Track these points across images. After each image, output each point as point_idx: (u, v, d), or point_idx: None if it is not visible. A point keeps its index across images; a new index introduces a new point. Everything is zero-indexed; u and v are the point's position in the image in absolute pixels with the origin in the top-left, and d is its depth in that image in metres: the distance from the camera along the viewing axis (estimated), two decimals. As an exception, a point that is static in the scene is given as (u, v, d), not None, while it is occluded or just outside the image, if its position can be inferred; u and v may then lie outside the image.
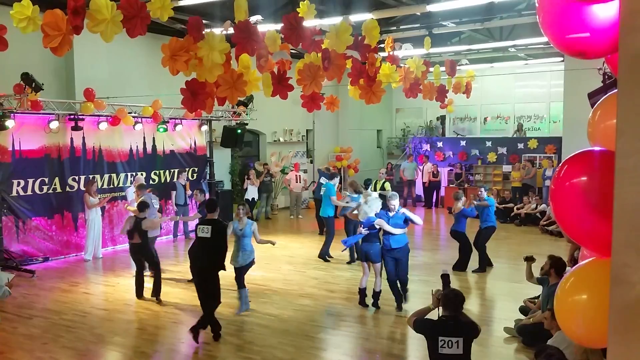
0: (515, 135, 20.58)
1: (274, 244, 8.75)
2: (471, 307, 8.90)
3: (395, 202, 8.26)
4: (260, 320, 8.12)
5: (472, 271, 10.73)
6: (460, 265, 10.84)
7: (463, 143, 20.76)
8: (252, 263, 8.31)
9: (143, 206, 9.14)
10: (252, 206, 16.00)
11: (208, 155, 15.71)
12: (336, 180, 12.39)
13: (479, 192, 11.37)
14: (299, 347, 7.10)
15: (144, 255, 9.18)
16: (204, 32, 7.02)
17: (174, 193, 13.84)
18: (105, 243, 12.80)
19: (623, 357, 1.97)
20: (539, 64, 19.51)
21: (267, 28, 8.52)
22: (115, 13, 6.00)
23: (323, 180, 12.85)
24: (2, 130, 10.66)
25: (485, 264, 10.94)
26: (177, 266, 11.32)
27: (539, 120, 21.51)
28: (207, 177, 15.70)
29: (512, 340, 7.27)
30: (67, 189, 12.22)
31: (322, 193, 12.29)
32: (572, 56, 2.78)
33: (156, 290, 9.06)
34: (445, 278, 5.53)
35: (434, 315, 4.95)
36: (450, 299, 4.87)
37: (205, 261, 7.24)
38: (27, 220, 11.46)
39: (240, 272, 8.20)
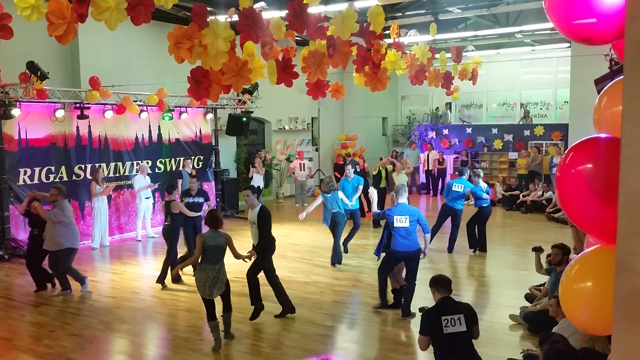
0: (521, 122, 20.47)
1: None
2: (477, 294, 8.93)
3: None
4: (266, 308, 8.15)
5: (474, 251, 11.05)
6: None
7: (469, 130, 20.68)
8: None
9: (171, 188, 9.55)
10: (258, 194, 16.00)
11: (213, 144, 15.72)
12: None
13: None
14: (305, 335, 7.14)
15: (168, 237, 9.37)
16: (208, 20, 6.99)
17: (180, 181, 13.86)
18: (112, 231, 12.87)
19: (628, 344, 1.97)
20: (545, 50, 19.37)
21: (272, 15, 8.48)
22: (119, 1, 5.96)
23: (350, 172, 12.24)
24: (8, 119, 10.71)
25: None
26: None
27: (545, 106, 21.40)
28: (213, 166, 15.72)
29: (517, 327, 7.28)
30: (74, 177, 12.27)
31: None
32: (578, 42, 2.76)
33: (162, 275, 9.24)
34: (421, 310, 5.66)
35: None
36: (442, 281, 5.22)
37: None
38: (34, 209, 11.51)
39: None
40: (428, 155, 19.98)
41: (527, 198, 16.46)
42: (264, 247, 7.57)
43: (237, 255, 7.06)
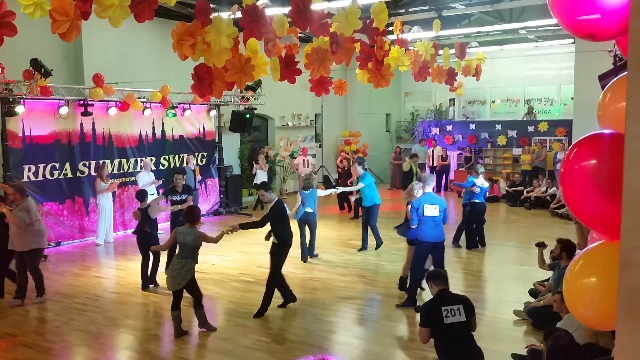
0: (525, 118, 20.43)
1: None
2: (480, 289, 8.93)
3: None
4: (270, 304, 8.18)
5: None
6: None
7: (472, 126, 20.64)
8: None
9: (142, 196, 9.22)
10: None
11: (217, 140, 15.74)
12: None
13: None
14: (309, 330, 7.16)
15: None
16: (211, 17, 6.99)
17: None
18: (117, 227, 12.91)
19: (632, 339, 1.97)
20: (549, 46, 19.32)
21: (275, 12, 8.48)
22: (122, -2, 5.97)
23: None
24: (12, 116, 10.74)
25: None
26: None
27: (549, 102, 21.35)
28: (216, 162, 15.73)
29: (521, 322, 7.29)
30: (78, 174, 12.31)
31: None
32: (581, 38, 2.75)
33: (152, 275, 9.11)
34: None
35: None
36: (439, 274, 5.34)
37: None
38: (39, 205, 11.53)
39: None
40: (432, 151, 19.96)
41: (531, 194, 16.44)
42: (279, 242, 7.70)
43: (215, 239, 7.12)
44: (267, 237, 7.88)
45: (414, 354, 6.47)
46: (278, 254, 7.76)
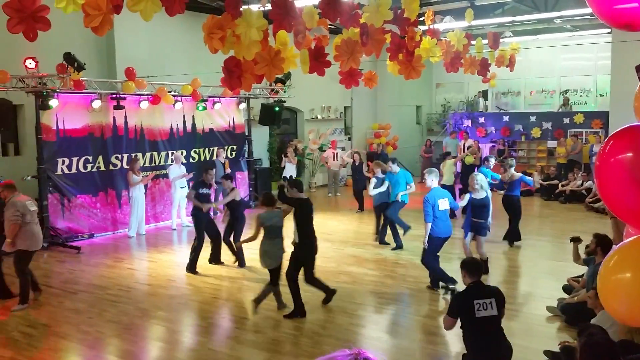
0: (560, 110, 19.99)
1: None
2: (513, 285, 8.79)
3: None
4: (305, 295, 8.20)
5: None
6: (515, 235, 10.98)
7: (506, 118, 20.28)
8: None
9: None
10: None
11: (246, 133, 15.80)
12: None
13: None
14: (337, 324, 7.14)
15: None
16: (241, 9, 6.99)
17: (213, 171, 13.96)
18: (148, 220, 13.08)
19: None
20: (585, 36, 18.82)
21: (305, 3, 8.43)
22: (153, -9, 6.02)
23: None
24: (46, 110, 10.94)
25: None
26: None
27: (585, 94, 20.86)
28: (246, 155, 15.81)
29: (554, 319, 7.14)
30: (111, 167, 12.50)
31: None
32: (618, 28, 2.65)
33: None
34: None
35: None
36: (474, 264, 5.23)
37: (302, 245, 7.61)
38: (72, 198, 11.78)
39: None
40: (464, 144, 19.68)
41: (566, 188, 16.11)
42: (300, 242, 7.42)
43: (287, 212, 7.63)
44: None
45: (443, 349, 6.40)
46: (296, 254, 7.52)
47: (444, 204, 7.90)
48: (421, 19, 9.94)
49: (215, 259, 9.78)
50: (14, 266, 7.83)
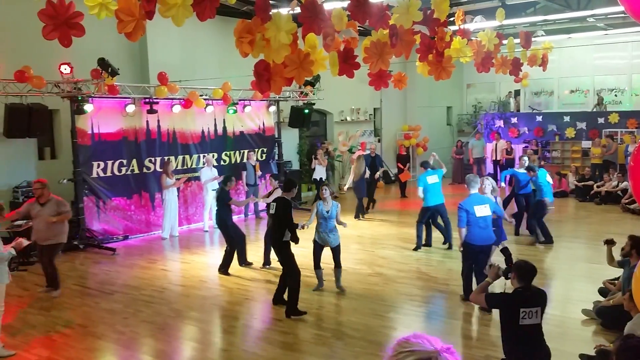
0: (595, 110, 19.59)
1: (345, 226, 8.65)
2: (548, 288, 8.62)
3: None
4: (330, 299, 8.20)
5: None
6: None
7: (539, 118, 19.94)
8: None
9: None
10: (319, 186, 16.06)
11: (276, 136, 15.89)
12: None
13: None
14: (369, 326, 7.12)
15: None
16: (270, 13, 7.03)
17: (244, 173, 14.10)
18: (181, 222, 13.24)
19: None
20: (619, 34, 18.39)
21: (334, 6, 8.45)
22: (185, -3, 6.10)
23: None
24: (81, 114, 11.17)
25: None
26: (249, 244, 11.54)
27: (620, 93, 20.40)
28: (276, 158, 15.89)
29: (590, 322, 7.00)
30: (144, 170, 12.70)
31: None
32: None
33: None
34: (505, 251, 5.53)
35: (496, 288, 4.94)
36: (528, 270, 4.87)
37: (274, 236, 7.70)
38: (107, 201, 12.00)
39: (336, 251, 8.36)
40: (496, 144, 19.44)
41: (602, 189, 15.78)
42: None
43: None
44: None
45: (477, 353, 6.32)
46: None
47: (481, 211, 7.47)
48: (451, 19, 9.86)
49: (243, 261, 9.87)
50: (46, 258, 8.38)
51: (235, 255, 9.68)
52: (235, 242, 9.62)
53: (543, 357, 4.83)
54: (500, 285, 5.32)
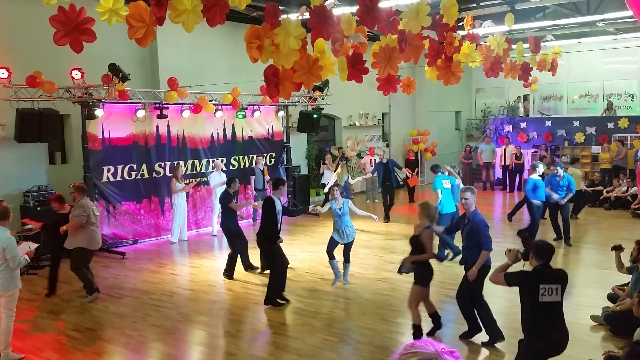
0: (604, 114, 19.50)
1: (375, 219, 9.30)
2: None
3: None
4: (337, 303, 8.22)
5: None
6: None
7: (548, 123, 19.87)
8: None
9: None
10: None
11: (285, 141, 15.92)
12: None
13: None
14: (377, 331, 7.12)
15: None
16: (280, 19, 7.08)
17: (252, 178, 14.14)
18: (190, 226, 13.30)
19: None
20: (629, 39, 18.31)
21: (343, 11, 8.48)
22: (195, 3, 6.15)
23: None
24: (92, 119, 11.25)
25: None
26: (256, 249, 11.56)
27: (630, 98, 20.29)
28: (284, 162, 15.92)
29: (599, 328, 6.97)
30: (154, 174, 12.76)
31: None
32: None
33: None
34: (522, 233, 5.57)
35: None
36: (546, 249, 5.00)
37: (258, 235, 8.41)
38: (117, 205, 12.07)
39: (349, 246, 8.90)
40: (505, 149, 19.39)
41: (611, 194, 15.69)
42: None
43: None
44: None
45: (487, 359, 6.31)
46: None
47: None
48: (460, 24, 9.86)
49: (247, 265, 9.90)
50: (70, 263, 8.52)
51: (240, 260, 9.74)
52: (236, 247, 9.63)
53: (561, 339, 4.82)
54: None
